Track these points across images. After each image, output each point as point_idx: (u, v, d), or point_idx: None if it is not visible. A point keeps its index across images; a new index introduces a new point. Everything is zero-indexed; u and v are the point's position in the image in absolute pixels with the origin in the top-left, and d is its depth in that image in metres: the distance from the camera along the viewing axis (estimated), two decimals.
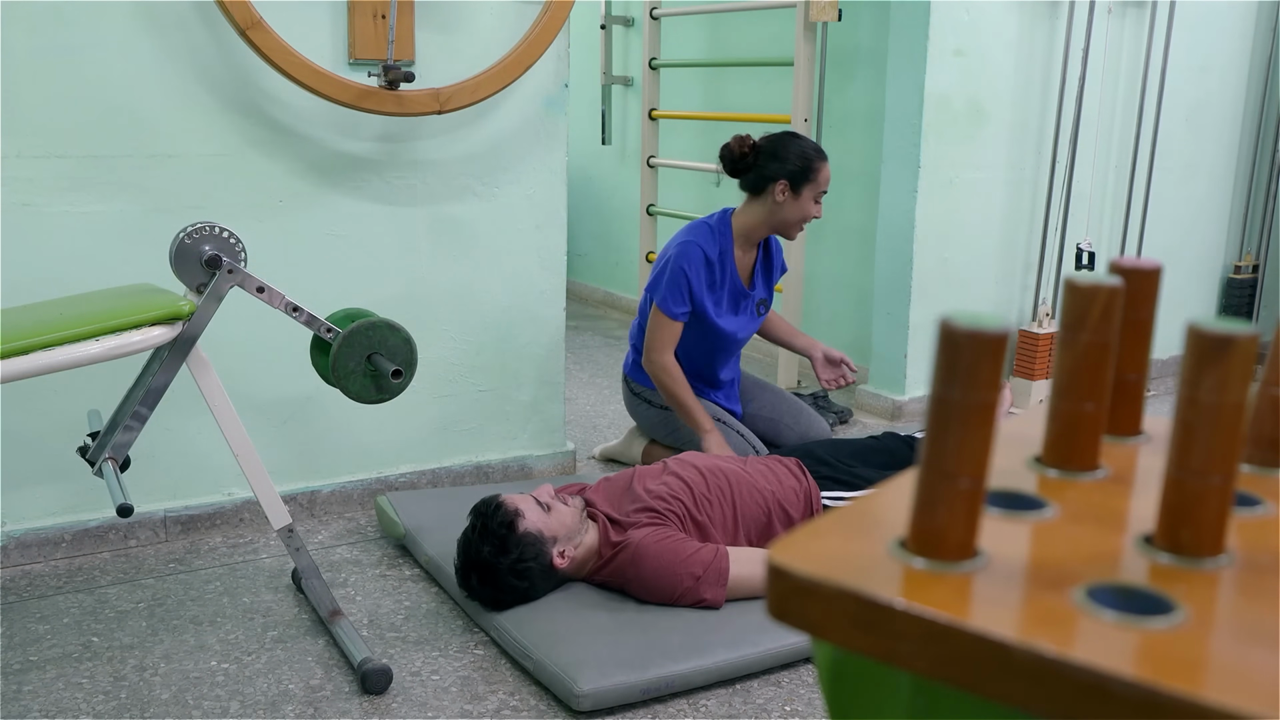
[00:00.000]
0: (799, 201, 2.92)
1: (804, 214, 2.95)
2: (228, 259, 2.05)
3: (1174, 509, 0.45)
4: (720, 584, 2.23)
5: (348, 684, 2.07)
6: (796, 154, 2.90)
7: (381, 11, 2.62)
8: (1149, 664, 0.36)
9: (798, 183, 2.90)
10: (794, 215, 2.94)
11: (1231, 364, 0.42)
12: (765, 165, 2.91)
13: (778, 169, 2.89)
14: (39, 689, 2.03)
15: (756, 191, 2.95)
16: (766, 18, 4.46)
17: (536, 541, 2.21)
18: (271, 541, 2.68)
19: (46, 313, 1.99)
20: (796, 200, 2.92)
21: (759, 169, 2.92)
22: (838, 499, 2.50)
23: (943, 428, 0.43)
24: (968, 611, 0.40)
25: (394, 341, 2.16)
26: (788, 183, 2.89)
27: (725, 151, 2.96)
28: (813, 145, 2.94)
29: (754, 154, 2.92)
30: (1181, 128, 4.17)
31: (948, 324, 0.42)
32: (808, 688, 2.10)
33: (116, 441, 2.02)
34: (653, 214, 4.89)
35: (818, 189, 2.93)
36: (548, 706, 2.01)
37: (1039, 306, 3.97)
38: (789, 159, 2.89)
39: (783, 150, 2.91)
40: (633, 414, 3.22)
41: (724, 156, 2.97)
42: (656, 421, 3.14)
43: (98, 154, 2.44)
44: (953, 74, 3.58)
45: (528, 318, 3.03)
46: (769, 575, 0.42)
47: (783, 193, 2.90)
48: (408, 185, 2.79)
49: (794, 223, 2.97)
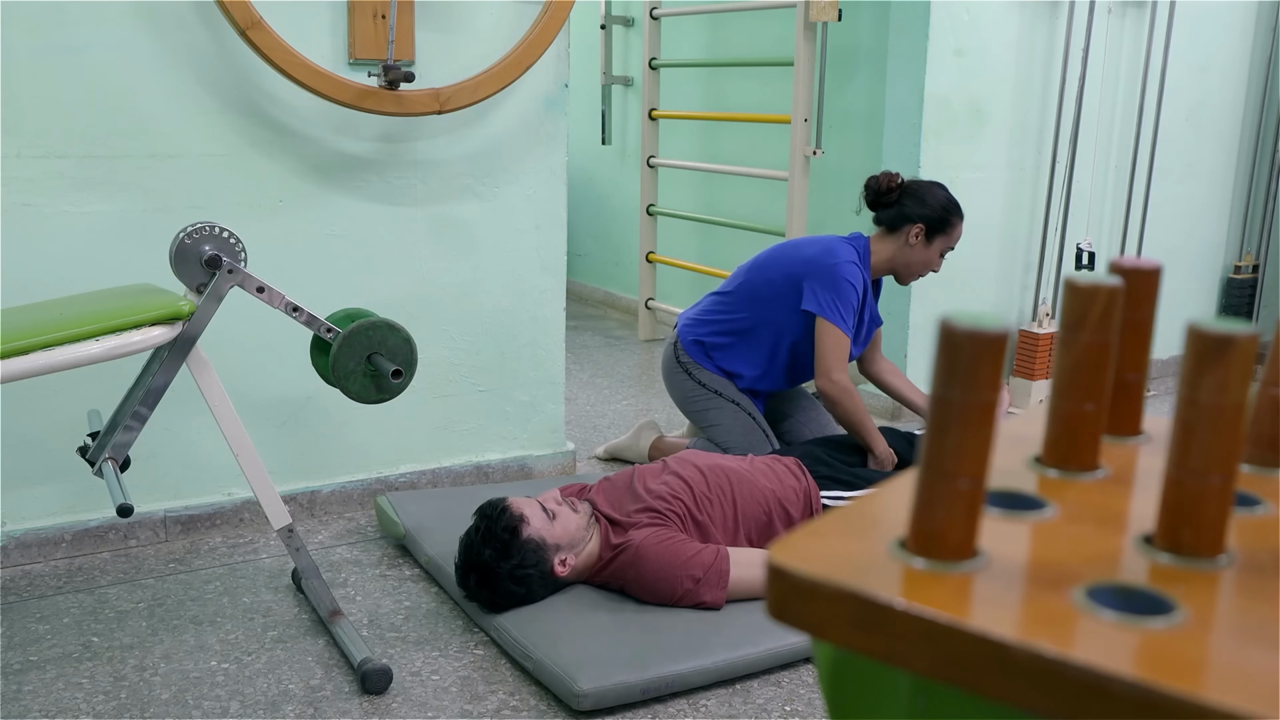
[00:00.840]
0: (928, 249, 2.96)
1: (928, 263, 2.99)
2: (228, 259, 2.05)
3: (1174, 509, 0.45)
4: (720, 586, 2.23)
5: (348, 684, 2.07)
6: (940, 203, 2.95)
7: (381, 11, 2.62)
8: (1149, 664, 0.36)
9: (933, 231, 2.94)
10: (918, 261, 2.98)
11: (1231, 364, 0.42)
12: (907, 205, 2.95)
13: (918, 212, 2.94)
14: (39, 689, 2.03)
15: (892, 228, 2.98)
16: (766, 18, 4.46)
17: (539, 549, 2.21)
18: (271, 541, 2.68)
19: (46, 313, 1.99)
20: (927, 248, 2.96)
21: (900, 207, 2.96)
22: (838, 499, 2.50)
23: (943, 428, 0.43)
24: (968, 611, 0.40)
25: (394, 341, 2.16)
26: (924, 228, 2.93)
27: (872, 183, 3.00)
28: (955, 202, 2.98)
29: (899, 192, 2.97)
30: (1181, 128, 4.17)
31: (948, 324, 0.42)
32: (808, 688, 2.10)
33: (116, 441, 2.02)
34: (653, 214, 4.89)
35: (948, 243, 2.98)
36: (548, 706, 2.01)
37: (1039, 306, 3.97)
38: (932, 206, 2.94)
39: (929, 196, 2.95)
40: (668, 380, 3.18)
41: (869, 187, 3.00)
42: (690, 394, 3.11)
43: (98, 154, 2.44)
44: (953, 74, 3.58)
45: (528, 318, 3.03)
46: (769, 576, 0.42)
47: (916, 236, 2.94)
48: (408, 185, 2.79)
49: (916, 268, 3.01)
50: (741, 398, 3.06)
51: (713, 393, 3.06)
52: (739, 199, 4.72)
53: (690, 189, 4.97)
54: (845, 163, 4.17)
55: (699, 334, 3.11)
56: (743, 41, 4.67)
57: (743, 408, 3.05)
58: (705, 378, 3.08)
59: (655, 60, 4.77)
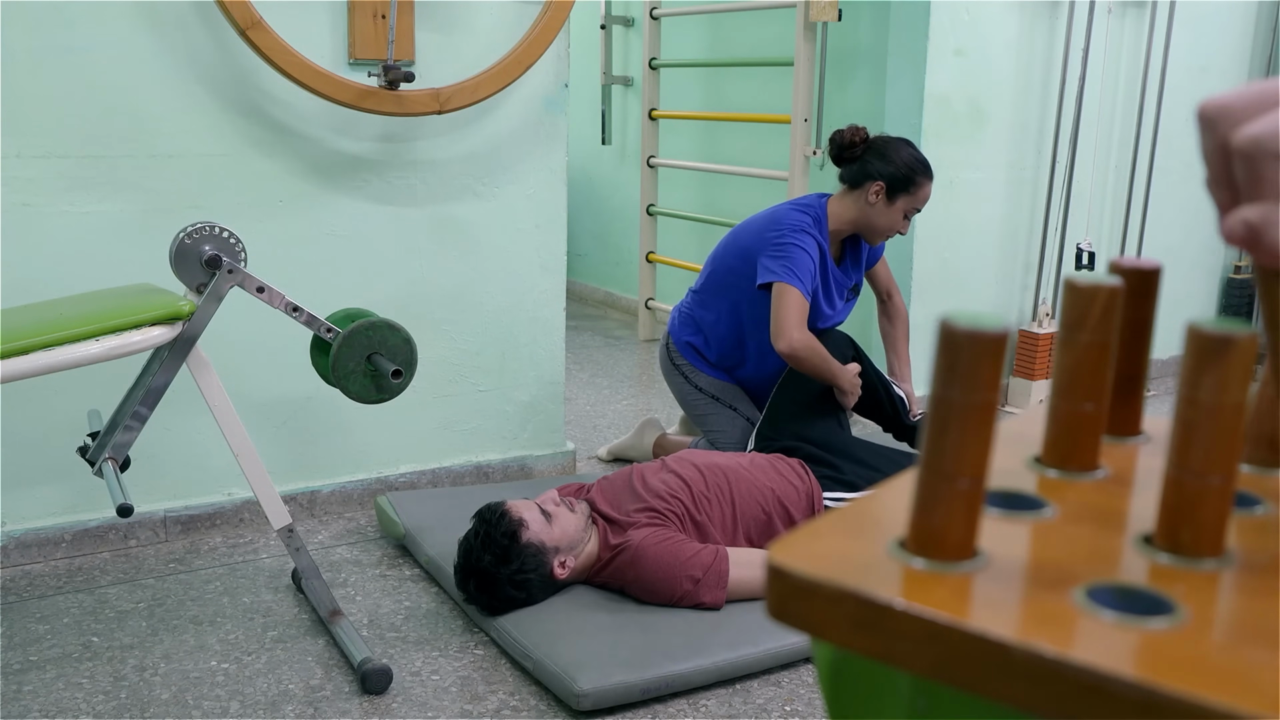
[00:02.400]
0: (890, 209, 2.85)
1: (891, 224, 2.87)
2: (228, 259, 2.05)
3: (1174, 509, 0.45)
4: (720, 587, 2.23)
5: (348, 684, 2.07)
6: (904, 160, 2.83)
7: (381, 11, 2.62)
8: (1149, 664, 0.36)
9: (895, 190, 2.83)
10: (881, 222, 2.87)
11: (1231, 364, 0.42)
12: (870, 161, 2.84)
13: (880, 168, 2.82)
14: (39, 689, 2.03)
15: (854, 185, 2.88)
16: (766, 18, 4.46)
17: (538, 553, 2.21)
18: (271, 541, 2.68)
19: (46, 313, 1.99)
20: (889, 207, 2.84)
21: (863, 163, 2.85)
22: (839, 499, 2.50)
23: (942, 428, 0.43)
24: (967, 612, 0.40)
25: (394, 341, 2.16)
26: (884, 186, 2.82)
27: (836, 136, 2.89)
28: (922, 159, 2.86)
29: (863, 146, 2.86)
30: (1181, 128, 4.17)
31: (947, 324, 0.42)
32: (808, 688, 2.10)
33: (116, 441, 2.02)
34: (653, 214, 4.89)
35: (912, 204, 2.85)
36: (548, 706, 2.01)
37: (1039, 306, 3.97)
38: (895, 163, 2.83)
39: (892, 152, 2.84)
40: (668, 380, 3.16)
41: (833, 141, 2.90)
42: (688, 397, 3.09)
43: (98, 154, 2.44)
44: (953, 74, 3.58)
45: (528, 318, 3.03)
46: (768, 576, 0.42)
47: (876, 194, 2.83)
48: (408, 185, 2.79)
49: (880, 230, 2.89)
50: (741, 400, 3.03)
51: (710, 397, 3.05)
52: (739, 199, 4.72)
53: (690, 189, 4.97)
54: None
55: (688, 336, 3.07)
56: (743, 41, 4.68)
57: (740, 413, 3.02)
58: (703, 382, 3.06)
59: (655, 60, 4.77)
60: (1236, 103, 0.44)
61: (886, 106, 3.69)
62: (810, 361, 2.77)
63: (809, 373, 2.80)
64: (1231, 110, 0.44)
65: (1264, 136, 0.42)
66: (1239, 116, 0.44)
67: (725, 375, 3.06)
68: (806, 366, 2.79)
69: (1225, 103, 0.44)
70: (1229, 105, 0.44)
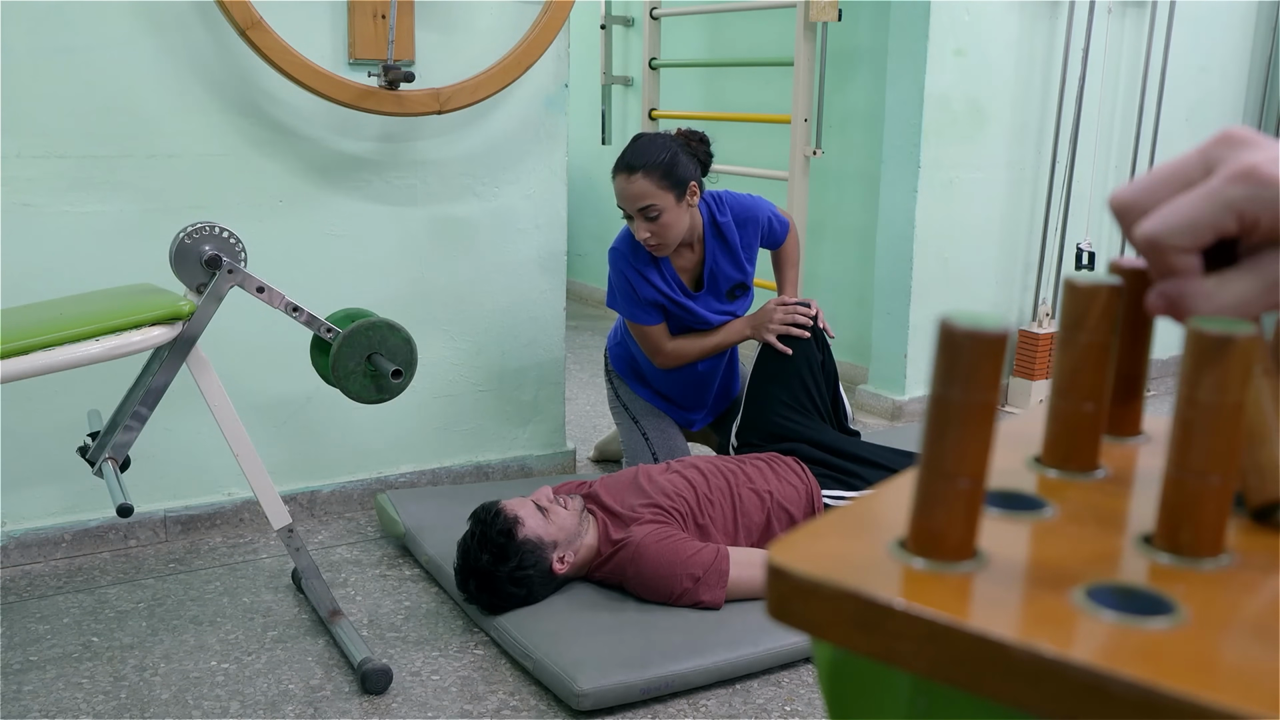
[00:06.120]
0: None
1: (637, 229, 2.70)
2: (228, 259, 2.05)
3: (1174, 509, 0.45)
4: (720, 586, 2.23)
5: (348, 684, 2.07)
6: None
7: (381, 11, 2.62)
8: (1149, 664, 0.36)
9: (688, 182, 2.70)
10: None
11: (1231, 364, 0.42)
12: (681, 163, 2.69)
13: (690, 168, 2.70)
14: (39, 689, 2.03)
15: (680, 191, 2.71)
16: (766, 18, 4.46)
17: (536, 549, 2.21)
18: (271, 541, 2.68)
19: (46, 313, 1.99)
20: None
21: None
22: (839, 499, 2.50)
23: (942, 428, 0.43)
24: (967, 612, 0.40)
25: (394, 341, 2.16)
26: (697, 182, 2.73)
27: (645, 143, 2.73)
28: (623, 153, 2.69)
29: None
30: (1181, 128, 4.17)
31: (947, 324, 0.42)
32: (808, 688, 2.10)
33: (116, 441, 2.02)
34: None
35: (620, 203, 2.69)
36: (548, 706, 2.01)
37: (1039, 306, 3.97)
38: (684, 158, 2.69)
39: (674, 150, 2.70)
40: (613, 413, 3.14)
41: None
42: (610, 402, 3.10)
43: (98, 154, 2.44)
44: (953, 74, 3.57)
45: (528, 318, 3.03)
46: (768, 575, 0.42)
47: (693, 194, 2.72)
48: (408, 185, 2.79)
49: None
50: (654, 425, 2.99)
51: (622, 405, 3.06)
52: None
53: None
54: (845, 163, 4.17)
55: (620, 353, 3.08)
56: (743, 41, 4.68)
57: (639, 428, 2.99)
58: (623, 391, 3.06)
59: (655, 60, 4.77)
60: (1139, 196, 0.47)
61: (886, 107, 3.69)
62: (688, 359, 2.85)
63: (700, 359, 2.86)
64: (1135, 205, 0.47)
65: (1158, 234, 0.46)
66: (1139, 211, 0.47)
67: (649, 392, 3.03)
68: (690, 360, 2.86)
69: (1128, 198, 0.48)
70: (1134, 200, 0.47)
